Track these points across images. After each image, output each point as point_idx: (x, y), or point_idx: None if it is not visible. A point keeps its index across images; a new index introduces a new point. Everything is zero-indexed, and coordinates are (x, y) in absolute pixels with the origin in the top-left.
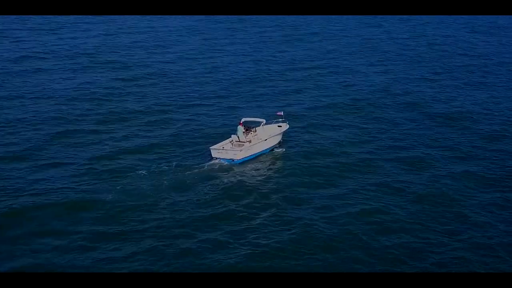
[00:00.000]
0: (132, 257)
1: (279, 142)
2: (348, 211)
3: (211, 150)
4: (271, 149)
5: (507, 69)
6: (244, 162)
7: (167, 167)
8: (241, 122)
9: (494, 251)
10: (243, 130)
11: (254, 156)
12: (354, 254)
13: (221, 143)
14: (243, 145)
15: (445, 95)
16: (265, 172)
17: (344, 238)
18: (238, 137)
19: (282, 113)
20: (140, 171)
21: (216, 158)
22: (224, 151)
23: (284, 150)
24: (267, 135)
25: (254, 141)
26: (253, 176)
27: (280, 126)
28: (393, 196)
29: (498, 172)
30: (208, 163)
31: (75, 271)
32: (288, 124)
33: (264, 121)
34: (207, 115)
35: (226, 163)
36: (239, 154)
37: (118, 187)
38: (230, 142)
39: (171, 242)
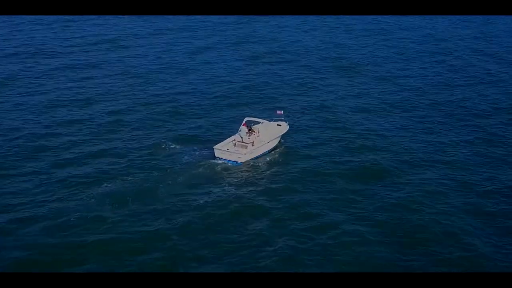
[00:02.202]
0: (131, 257)
1: (279, 142)
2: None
3: (215, 150)
4: (272, 150)
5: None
6: (247, 163)
7: (169, 166)
8: (244, 122)
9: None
10: (246, 131)
11: (256, 158)
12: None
13: (223, 142)
14: (247, 147)
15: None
16: (266, 173)
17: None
18: (241, 137)
19: (282, 112)
20: (142, 170)
21: (219, 159)
22: (228, 152)
23: (282, 150)
24: (269, 138)
25: (256, 143)
26: (255, 177)
27: (280, 125)
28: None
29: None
30: (211, 163)
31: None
32: (288, 124)
33: (267, 122)
34: (204, 113)
35: (230, 164)
36: (243, 157)
37: (120, 185)
38: (232, 142)
39: (173, 241)
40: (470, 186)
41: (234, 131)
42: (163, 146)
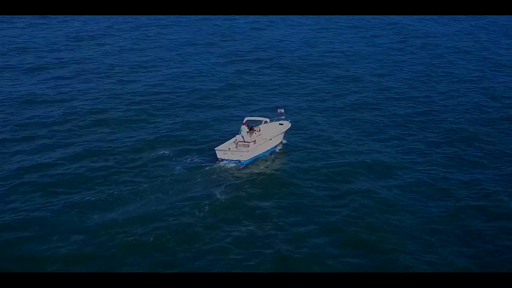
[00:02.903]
0: (134, 260)
1: (281, 142)
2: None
3: (216, 151)
4: (275, 148)
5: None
6: (250, 162)
7: (172, 169)
8: (244, 122)
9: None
10: (247, 130)
11: (260, 156)
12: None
13: (225, 143)
14: (249, 145)
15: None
16: (270, 172)
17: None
18: (242, 137)
19: (283, 111)
20: (144, 175)
21: (222, 160)
22: (230, 152)
23: (285, 149)
24: (271, 135)
25: (258, 141)
26: (259, 177)
27: (282, 124)
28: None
29: None
30: (214, 165)
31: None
32: (290, 122)
33: (268, 120)
34: (203, 115)
35: (233, 164)
36: (246, 155)
37: (122, 190)
38: (234, 142)
39: (174, 245)
40: (444, 191)
41: (222, 132)
42: (152, 153)
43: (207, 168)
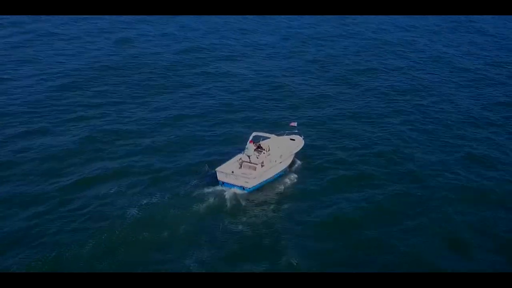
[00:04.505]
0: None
1: (292, 161)
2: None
3: (218, 173)
4: (284, 171)
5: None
6: (255, 189)
7: (166, 195)
8: (251, 139)
9: None
10: (254, 148)
11: (267, 182)
12: None
13: (228, 163)
14: (255, 168)
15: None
16: (277, 201)
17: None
18: (248, 157)
19: (295, 124)
20: (143, 196)
21: (223, 183)
22: (234, 176)
23: (296, 172)
24: (281, 156)
25: (266, 163)
26: (264, 208)
27: (293, 140)
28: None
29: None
30: (214, 191)
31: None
32: (303, 139)
33: (275, 136)
34: (202, 126)
35: (235, 190)
36: (251, 182)
37: (119, 211)
38: (238, 162)
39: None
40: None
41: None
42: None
43: (195, 198)
